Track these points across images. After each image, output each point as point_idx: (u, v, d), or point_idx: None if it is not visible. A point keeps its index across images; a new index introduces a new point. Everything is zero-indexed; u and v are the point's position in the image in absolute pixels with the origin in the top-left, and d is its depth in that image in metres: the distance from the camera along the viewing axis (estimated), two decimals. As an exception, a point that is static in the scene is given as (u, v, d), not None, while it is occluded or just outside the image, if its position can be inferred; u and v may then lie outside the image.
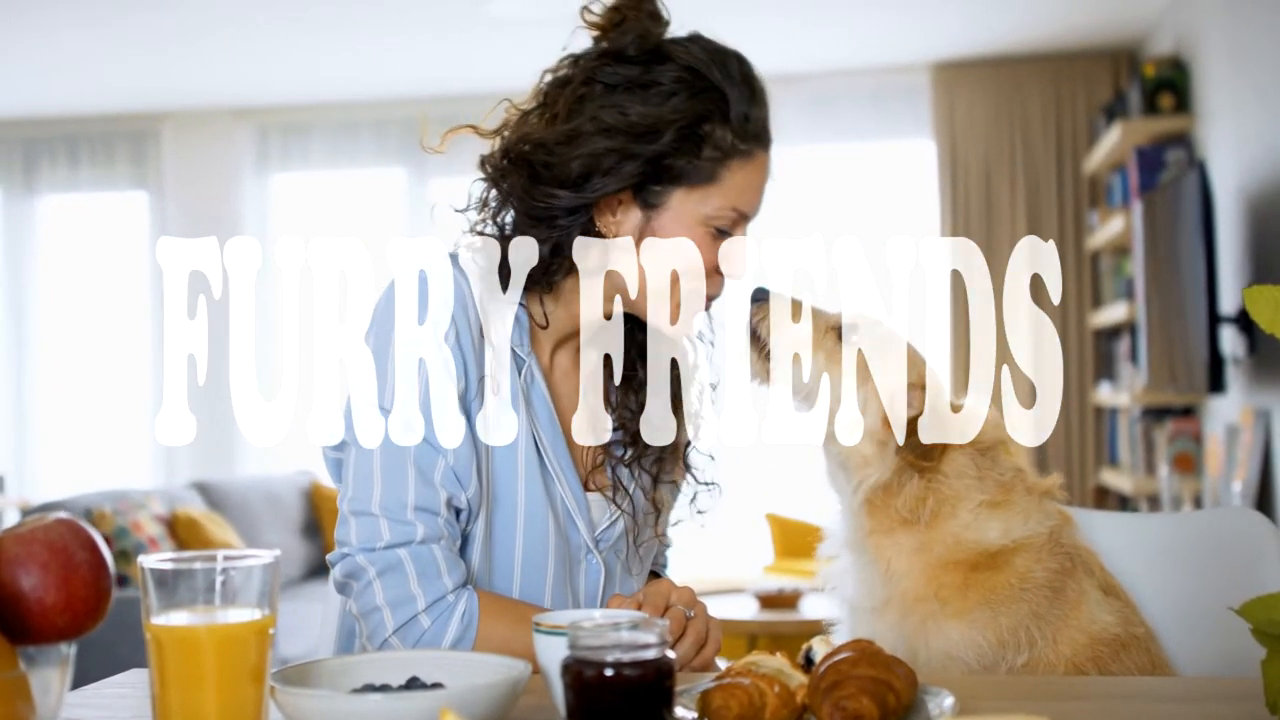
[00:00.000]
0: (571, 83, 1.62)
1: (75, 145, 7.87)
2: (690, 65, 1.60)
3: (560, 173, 1.59)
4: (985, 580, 1.57)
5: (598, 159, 1.58)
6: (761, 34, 6.22)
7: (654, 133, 1.58)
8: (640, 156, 1.58)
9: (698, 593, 1.60)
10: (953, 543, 1.59)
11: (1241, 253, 4.69)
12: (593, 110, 1.59)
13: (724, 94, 1.61)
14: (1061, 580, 1.57)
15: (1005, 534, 1.60)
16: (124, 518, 5.02)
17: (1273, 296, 1.08)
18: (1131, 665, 1.55)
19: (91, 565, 1.07)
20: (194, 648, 1.11)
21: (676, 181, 1.61)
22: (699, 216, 1.62)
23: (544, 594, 1.65)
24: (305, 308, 1.69)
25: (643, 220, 1.63)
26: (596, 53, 1.63)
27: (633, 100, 1.59)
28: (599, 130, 1.58)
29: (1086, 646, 1.55)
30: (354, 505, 1.56)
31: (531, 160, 1.60)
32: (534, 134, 1.61)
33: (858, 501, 1.63)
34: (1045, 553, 1.58)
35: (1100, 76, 6.85)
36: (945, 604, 1.57)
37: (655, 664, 1.10)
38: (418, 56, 6.65)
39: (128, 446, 7.93)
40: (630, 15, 1.64)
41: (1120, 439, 6.32)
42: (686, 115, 1.58)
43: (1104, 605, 1.59)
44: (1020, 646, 1.53)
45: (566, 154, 1.58)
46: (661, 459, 1.78)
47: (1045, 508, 1.63)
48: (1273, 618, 1.11)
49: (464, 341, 1.59)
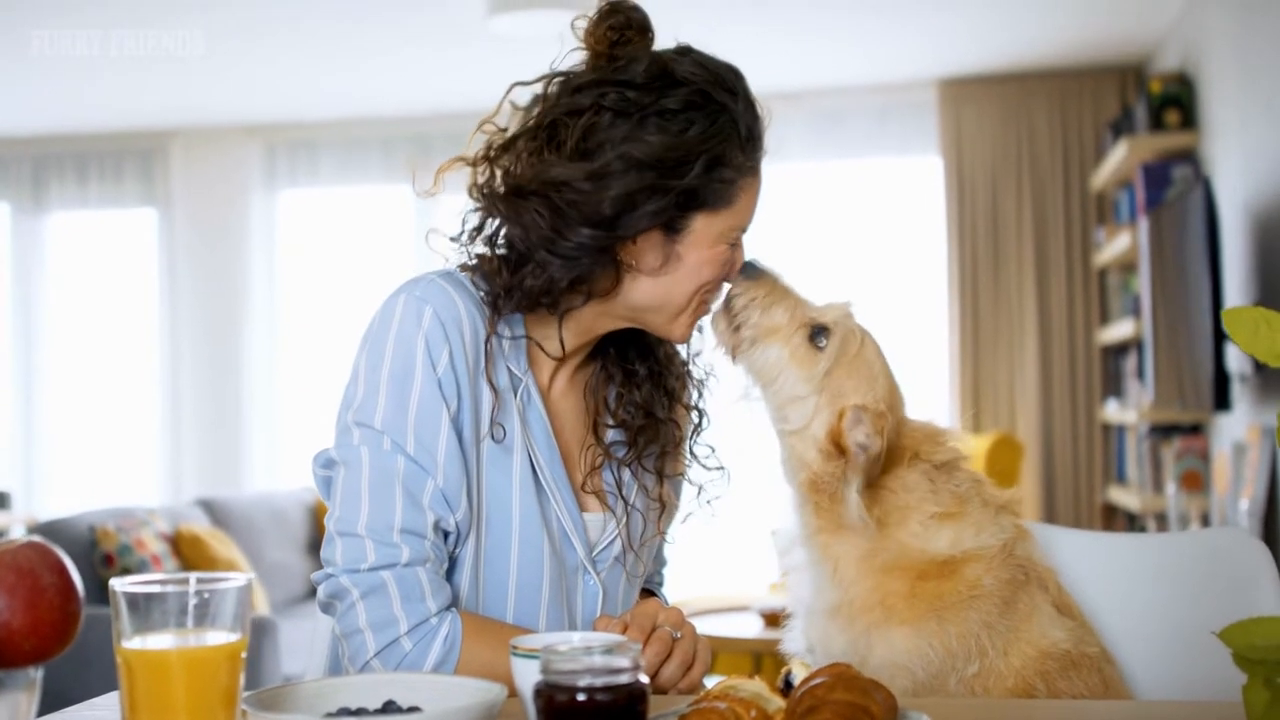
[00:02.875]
0: (579, 113, 1.57)
1: (84, 162, 7.90)
2: (700, 88, 1.58)
3: (589, 211, 1.55)
4: (932, 589, 1.55)
5: (631, 196, 1.54)
6: (769, 50, 6.23)
7: (684, 164, 1.55)
8: (673, 190, 1.55)
9: (703, 610, 1.59)
10: (899, 550, 1.58)
11: (1247, 269, 4.68)
12: (614, 144, 1.55)
13: (732, 115, 1.59)
14: (1012, 591, 1.56)
15: (954, 544, 1.58)
16: (127, 535, 5.02)
17: (1250, 317, 1.07)
18: (1081, 685, 1.54)
19: (59, 589, 1.07)
20: (164, 672, 1.10)
21: (701, 207, 1.59)
22: (717, 236, 1.61)
23: (539, 616, 1.64)
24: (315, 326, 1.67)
25: (667, 246, 1.60)
26: (598, 79, 1.59)
27: (651, 131, 1.55)
28: (629, 166, 1.54)
29: (1035, 660, 1.54)
30: (340, 526, 1.55)
31: (553, 199, 1.56)
32: (551, 171, 1.56)
33: (799, 499, 1.64)
34: (996, 564, 1.56)
35: (1107, 93, 6.85)
36: (891, 612, 1.56)
37: (628, 689, 1.08)
38: (424, 73, 6.67)
39: (135, 464, 7.95)
40: (629, 35, 1.61)
41: (1128, 456, 6.30)
42: (710, 143, 1.56)
43: (1056, 622, 1.57)
44: (970, 656, 1.52)
45: (595, 193, 1.54)
46: (664, 455, 1.77)
47: (1000, 521, 1.61)
48: (1254, 642, 1.10)
49: (458, 363, 1.58)
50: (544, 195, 1.56)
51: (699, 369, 1.81)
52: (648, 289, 1.62)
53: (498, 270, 1.62)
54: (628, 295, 1.63)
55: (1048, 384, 6.88)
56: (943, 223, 7.03)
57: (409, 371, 1.56)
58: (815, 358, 1.64)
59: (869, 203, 7.22)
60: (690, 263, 1.61)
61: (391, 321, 1.58)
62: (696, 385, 1.81)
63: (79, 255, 8.10)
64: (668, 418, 1.76)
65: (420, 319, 1.57)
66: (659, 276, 1.62)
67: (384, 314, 1.60)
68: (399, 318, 1.58)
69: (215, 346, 7.84)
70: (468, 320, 1.60)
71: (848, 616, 1.58)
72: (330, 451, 1.59)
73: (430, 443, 1.55)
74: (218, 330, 7.84)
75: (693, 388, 1.81)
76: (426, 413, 1.55)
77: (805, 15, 5.85)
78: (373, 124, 7.56)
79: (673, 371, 1.79)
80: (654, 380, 1.77)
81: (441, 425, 1.56)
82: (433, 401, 1.55)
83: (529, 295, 1.60)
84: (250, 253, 7.80)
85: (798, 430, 1.64)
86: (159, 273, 7.89)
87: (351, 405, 1.58)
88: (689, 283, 1.62)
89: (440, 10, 5.67)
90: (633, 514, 1.73)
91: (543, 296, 1.60)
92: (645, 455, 1.75)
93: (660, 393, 1.76)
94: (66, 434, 8.04)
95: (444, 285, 1.61)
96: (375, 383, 1.57)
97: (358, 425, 1.56)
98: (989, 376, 6.97)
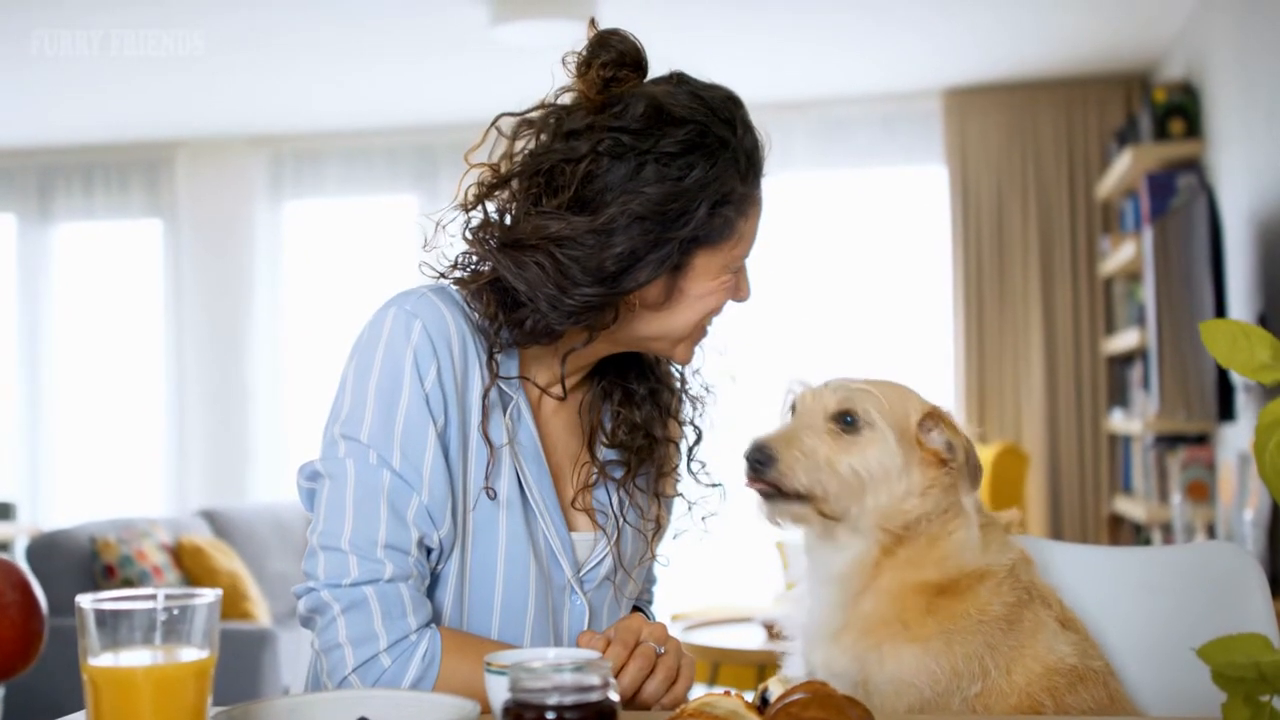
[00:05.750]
0: (578, 160, 1.54)
1: (90, 173, 7.92)
2: (696, 124, 1.55)
3: (593, 268, 1.53)
4: (948, 606, 1.54)
5: (635, 251, 1.53)
6: (775, 60, 6.22)
7: (685, 213, 1.53)
8: (675, 239, 1.54)
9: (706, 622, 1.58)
10: (940, 560, 1.56)
11: (1252, 278, 4.65)
12: (614, 194, 1.53)
13: (731, 148, 1.56)
14: (1017, 612, 1.55)
15: (979, 558, 1.57)
16: (128, 546, 5.02)
17: (1227, 330, 1.05)
18: (1088, 698, 1.53)
19: (21, 606, 1.06)
20: (130, 690, 1.08)
21: (702, 245, 1.57)
22: (720, 268, 1.60)
23: (524, 634, 1.62)
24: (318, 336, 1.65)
25: (669, 283, 1.59)
26: (592, 124, 1.55)
27: (647, 177, 1.53)
28: (631, 220, 1.52)
29: (1042, 676, 1.53)
30: (323, 540, 1.54)
31: (555, 254, 1.53)
32: (554, 228, 1.53)
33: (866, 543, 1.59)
34: (1005, 586, 1.56)
35: (1112, 102, 6.83)
36: (907, 627, 1.55)
37: (597, 706, 1.07)
38: (428, 84, 6.68)
39: (140, 475, 7.95)
40: (622, 75, 1.58)
41: (1134, 466, 6.28)
42: (711, 186, 1.54)
43: (1061, 636, 1.56)
44: (974, 676, 1.51)
45: (598, 249, 1.52)
46: (661, 475, 1.76)
47: (1006, 541, 1.60)
48: (1233, 659, 1.08)
49: (446, 378, 1.56)
50: (546, 250, 1.53)
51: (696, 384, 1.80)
52: (650, 322, 1.62)
53: (494, 312, 1.59)
54: (631, 328, 1.62)
55: (1053, 394, 6.86)
56: (948, 232, 7.01)
57: (397, 386, 1.54)
58: (860, 434, 1.59)
59: (874, 212, 7.21)
60: (693, 294, 1.60)
61: (380, 335, 1.57)
62: (693, 401, 1.80)
63: (85, 266, 8.11)
64: (665, 437, 1.75)
65: (409, 333, 1.56)
66: (661, 311, 1.61)
67: (373, 327, 1.59)
68: (388, 331, 1.57)
69: (220, 357, 7.85)
70: (457, 336, 1.58)
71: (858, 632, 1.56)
72: (315, 464, 1.58)
73: (416, 458, 1.54)
74: (223, 340, 7.85)
75: (689, 403, 1.80)
76: (413, 428, 1.54)
77: (811, 25, 5.84)
78: (378, 134, 7.56)
79: (670, 387, 1.78)
80: (654, 400, 1.75)
81: (428, 441, 1.54)
82: (420, 417, 1.54)
83: (528, 335, 1.58)
84: (255, 263, 7.81)
85: (900, 494, 1.59)
86: (164, 283, 7.90)
87: (338, 418, 1.56)
88: (692, 313, 1.61)
89: (444, 20, 5.67)
90: (625, 533, 1.72)
91: (542, 337, 1.59)
92: (640, 475, 1.73)
93: (659, 412, 1.75)
94: (72, 445, 8.05)
95: (434, 300, 1.59)
96: (362, 396, 1.55)
97: (344, 438, 1.55)
98: (994, 386, 6.94)
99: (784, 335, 7.06)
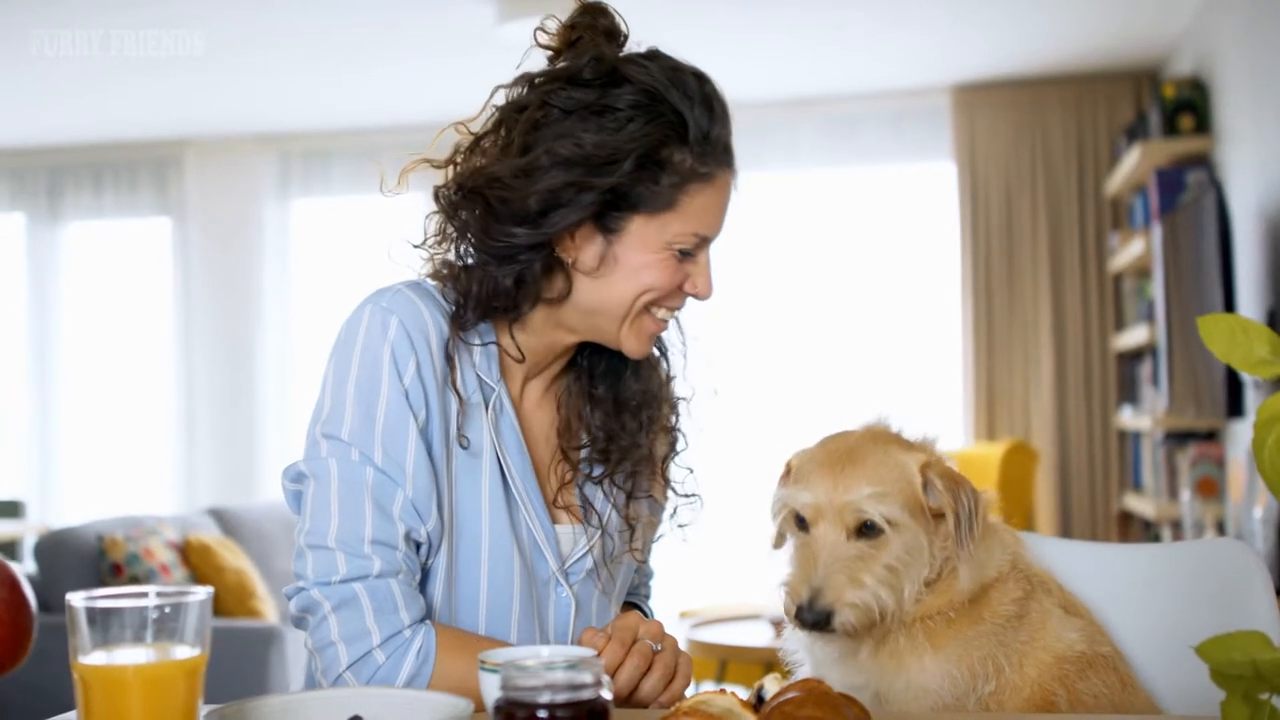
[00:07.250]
0: (527, 108, 1.57)
1: (99, 172, 7.93)
2: (648, 87, 1.55)
3: (517, 209, 1.55)
4: (965, 616, 1.54)
5: (555, 194, 1.54)
6: (783, 57, 6.21)
7: (611, 163, 1.53)
8: (598, 188, 1.54)
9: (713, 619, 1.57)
10: (956, 586, 1.55)
11: (1261, 274, 4.63)
12: (548, 141, 1.54)
13: (682, 117, 1.56)
14: (1025, 606, 1.55)
15: (992, 567, 1.57)
16: (136, 544, 5.02)
17: (1226, 325, 1.04)
18: (1099, 683, 1.52)
19: (9, 604, 1.05)
20: (120, 688, 1.08)
21: (635, 208, 1.57)
22: (660, 241, 1.59)
23: (510, 627, 1.62)
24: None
25: (604, 246, 1.59)
26: (550, 75, 1.59)
27: (588, 128, 1.54)
28: (555, 163, 1.54)
29: (1052, 665, 1.52)
30: (310, 539, 1.53)
31: (487, 195, 1.56)
32: (489, 168, 1.57)
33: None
34: (1011, 582, 1.56)
35: (1121, 98, 6.81)
36: (930, 636, 1.54)
37: (589, 705, 1.06)
38: (436, 83, 6.67)
39: (149, 473, 7.96)
40: (585, 34, 1.60)
41: (1144, 463, 6.26)
42: (644, 143, 1.54)
43: (1067, 623, 1.56)
44: (989, 676, 1.51)
45: (523, 189, 1.54)
46: (636, 474, 1.74)
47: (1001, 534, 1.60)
48: (1232, 658, 1.07)
49: (425, 373, 1.57)
50: (480, 193, 1.56)
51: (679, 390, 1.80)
52: (588, 290, 1.61)
53: (457, 278, 1.61)
54: (575, 298, 1.62)
55: (1062, 391, 6.84)
56: (957, 229, 6.99)
57: (375, 383, 1.55)
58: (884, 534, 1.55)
59: (883, 209, 7.19)
60: (629, 265, 1.59)
61: (357, 333, 1.58)
62: (674, 407, 1.79)
63: (94, 264, 8.12)
64: (633, 441, 1.73)
65: (386, 330, 1.57)
66: (597, 278, 1.60)
67: (350, 326, 1.60)
68: (365, 329, 1.58)
69: (229, 355, 7.85)
70: (435, 330, 1.59)
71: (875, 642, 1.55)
72: (299, 465, 1.59)
73: (398, 454, 1.54)
74: (232, 338, 7.85)
75: (669, 410, 1.79)
76: (394, 424, 1.54)
77: (819, 22, 5.83)
78: (385, 133, 7.56)
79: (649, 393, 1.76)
80: (617, 403, 1.74)
81: (409, 436, 1.54)
82: (400, 412, 1.54)
83: (480, 302, 1.60)
84: (264, 261, 7.81)
85: (927, 566, 1.55)
86: (173, 281, 7.90)
87: (320, 418, 1.57)
88: (628, 285, 1.60)
89: (451, 20, 5.67)
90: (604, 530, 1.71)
91: (493, 301, 1.60)
92: (616, 473, 1.72)
93: (625, 416, 1.73)
94: (81, 443, 8.06)
95: (410, 295, 1.60)
96: (342, 395, 1.56)
97: (326, 438, 1.55)
98: (1003, 383, 6.92)
99: (793, 333, 7.05)
